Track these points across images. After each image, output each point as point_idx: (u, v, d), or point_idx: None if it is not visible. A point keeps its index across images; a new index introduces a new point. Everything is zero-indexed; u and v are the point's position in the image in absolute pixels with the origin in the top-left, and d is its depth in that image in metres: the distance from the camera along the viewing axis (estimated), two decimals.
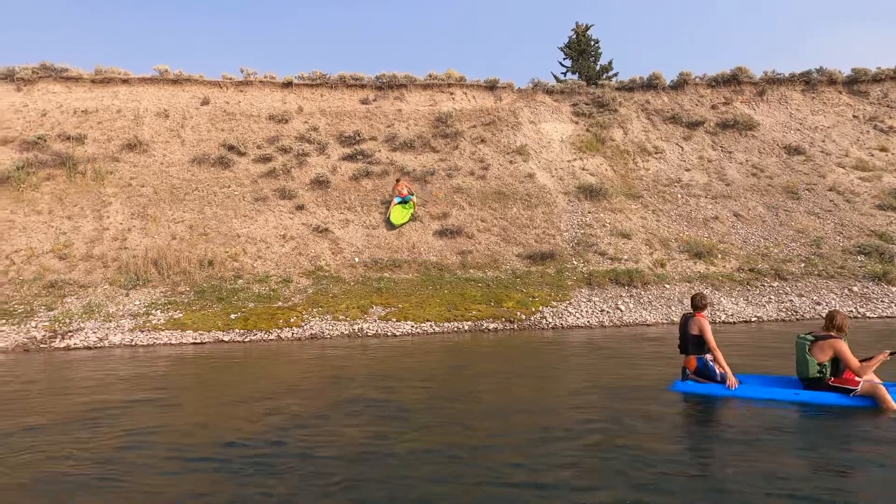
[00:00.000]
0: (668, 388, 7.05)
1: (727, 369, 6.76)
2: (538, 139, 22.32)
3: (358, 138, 21.40)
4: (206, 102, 22.44)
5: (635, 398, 6.73)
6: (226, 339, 12.98)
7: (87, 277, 15.50)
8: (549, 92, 24.48)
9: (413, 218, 18.22)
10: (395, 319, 13.93)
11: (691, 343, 6.95)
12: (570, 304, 14.77)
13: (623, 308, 14.50)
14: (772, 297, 14.99)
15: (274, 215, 18.24)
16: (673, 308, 14.49)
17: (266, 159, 20.26)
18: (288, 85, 23.54)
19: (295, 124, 22.04)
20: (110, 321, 13.67)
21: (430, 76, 24.26)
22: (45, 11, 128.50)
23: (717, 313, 14.12)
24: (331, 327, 13.55)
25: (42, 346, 12.60)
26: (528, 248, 17.41)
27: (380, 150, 21.13)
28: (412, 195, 18.64)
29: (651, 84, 24.63)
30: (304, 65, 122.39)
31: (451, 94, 23.93)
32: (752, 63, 78.45)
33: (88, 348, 12.53)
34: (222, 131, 21.34)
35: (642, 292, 15.34)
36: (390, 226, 17.93)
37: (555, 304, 14.76)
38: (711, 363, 6.86)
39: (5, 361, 11.40)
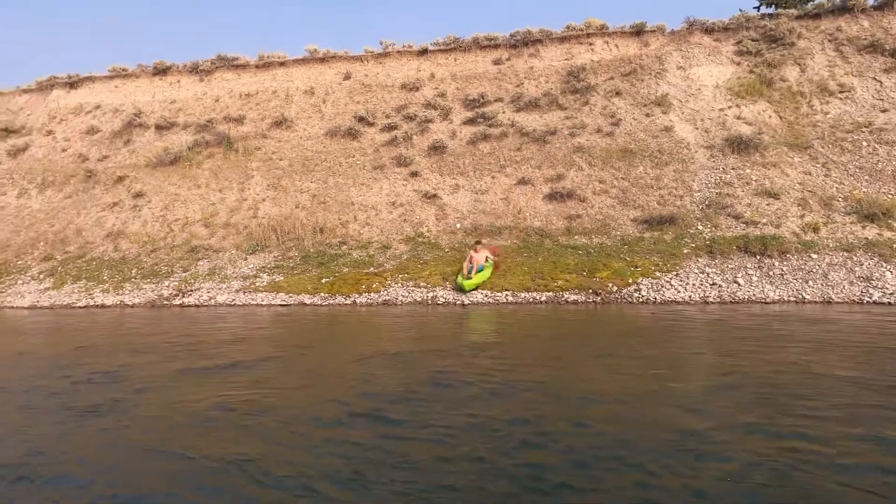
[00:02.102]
0: None
1: None
2: (685, 87, 19.36)
3: (483, 101, 20.68)
4: (347, 77, 23.48)
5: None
6: (308, 301, 13.58)
7: (221, 243, 17.38)
8: (709, 31, 21.00)
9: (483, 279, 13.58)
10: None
11: None
12: (676, 275, 12.67)
13: (741, 282, 12.00)
14: None
15: (388, 182, 18.54)
16: (810, 284, 11.59)
17: (391, 128, 20.61)
18: (423, 52, 23.54)
19: (425, 91, 22.01)
20: (224, 282, 15.16)
21: (568, 27, 22.37)
22: (220, 6, 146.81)
23: (870, 290, 10.95)
24: (406, 294, 13.39)
25: (165, 302, 14.44)
26: (648, 212, 15.31)
27: (503, 112, 20.18)
28: (489, 261, 13.71)
29: (845, 7, 19.77)
30: (443, 30, 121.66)
31: (591, 44, 21.82)
32: None
33: (197, 306, 14.06)
34: (358, 103, 22.17)
35: (776, 263, 12.52)
36: (459, 289, 13.20)
37: (658, 274, 12.77)
38: None
39: (137, 315, 13.29)
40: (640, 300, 11.93)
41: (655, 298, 11.88)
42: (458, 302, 12.72)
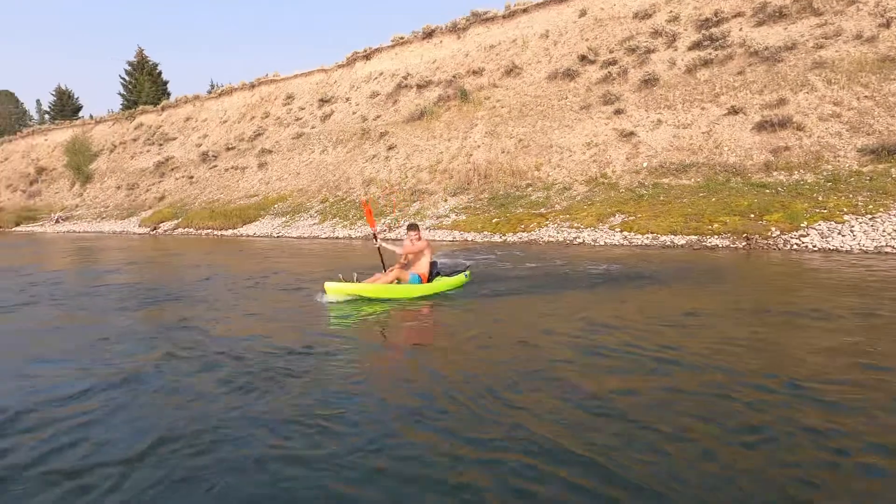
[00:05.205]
0: None
1: None
2: None
3: (717, 18, 17.97)
4: (582, 14, 22.80)
5: None
6: (469, 238, 14.60)
7: (435, 187, 19.46)
8: None
9: None
10: (619, 230, 12.46)
11: None
12: (871, 218, 9.77)
13: None
14: None
15: (592, 122, 17.92)
16: None
17: (609, 64, 19.56)
18: None
19: (657, 17, 20.06)
20: (420, 221, 17.16)
21: None
22: None
23: None
24: (555, 234, 13.31)
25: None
26: (884, 138, 11.79)
27: (739, 29, 17.23)
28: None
29: None
30: None
31: None
32: None
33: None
34: (586, 40, 21.50)
35: None
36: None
37: (846, 218, 10.02)
38: None
39: (356, 246, 16.26)
40: (796, 247, 9.64)
41: (816, 246, 9.46)
42: (591, 241, 12.17)
